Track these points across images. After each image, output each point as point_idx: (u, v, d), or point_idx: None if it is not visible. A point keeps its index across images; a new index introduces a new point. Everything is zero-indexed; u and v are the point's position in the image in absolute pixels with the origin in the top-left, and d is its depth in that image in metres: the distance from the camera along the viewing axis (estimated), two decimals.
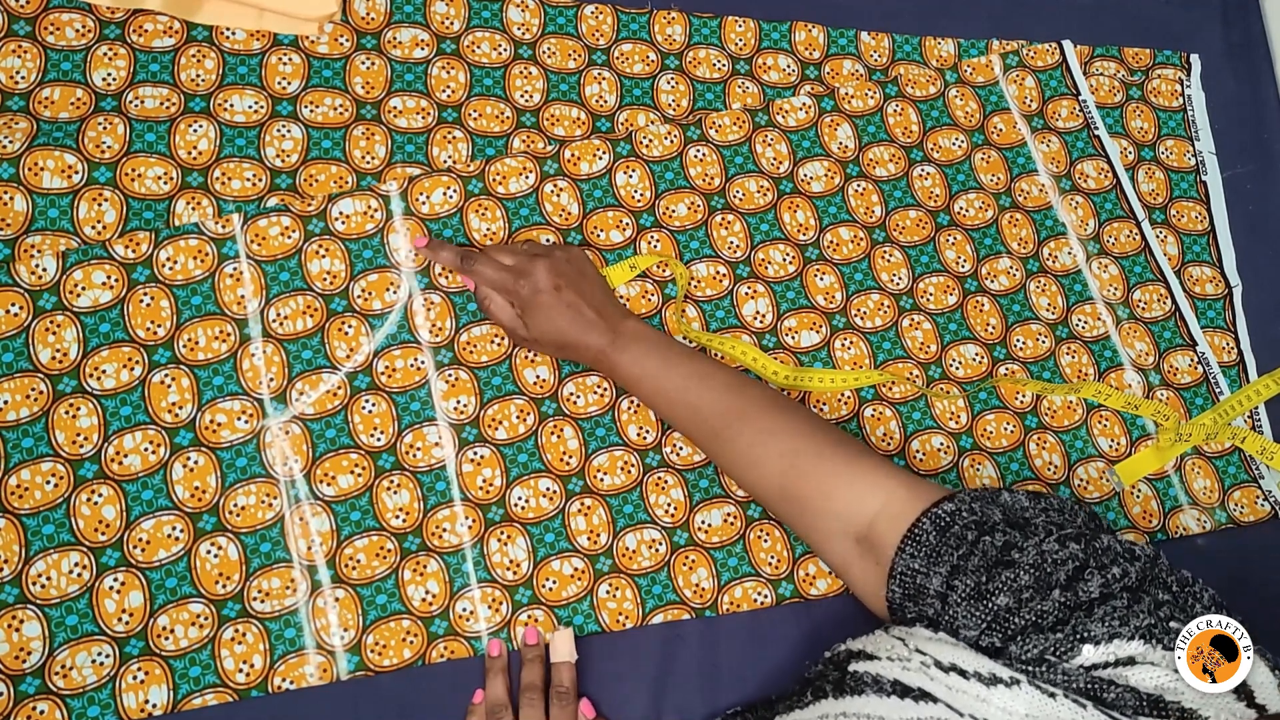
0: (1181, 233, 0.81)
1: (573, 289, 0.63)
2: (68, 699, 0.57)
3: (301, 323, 0.64)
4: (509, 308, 0.64)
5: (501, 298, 0.64)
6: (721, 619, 0.65)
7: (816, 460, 0.57)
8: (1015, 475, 0.72)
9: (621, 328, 0.63)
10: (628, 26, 0.75)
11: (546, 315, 0.62)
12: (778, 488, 0.58)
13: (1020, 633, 0.46)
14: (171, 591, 0.59)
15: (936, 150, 0.78)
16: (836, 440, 0.58)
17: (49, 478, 0.59)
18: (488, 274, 0.64)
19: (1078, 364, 0.76)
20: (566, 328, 0.63)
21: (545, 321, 0.63)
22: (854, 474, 0.56)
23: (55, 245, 0.62)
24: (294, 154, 0.67)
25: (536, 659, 0.61)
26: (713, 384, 0.61)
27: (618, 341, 0.63)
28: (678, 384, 0.61)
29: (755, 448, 0.59)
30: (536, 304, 0.62)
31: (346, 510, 0.62)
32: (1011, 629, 0.47)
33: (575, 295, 0.63)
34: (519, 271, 0.63)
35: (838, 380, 0.70)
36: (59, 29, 0.65)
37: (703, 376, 0.61)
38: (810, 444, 0.57)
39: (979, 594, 0.48)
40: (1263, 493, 0.76)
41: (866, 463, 0.56)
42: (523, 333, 0.64)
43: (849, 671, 0.48)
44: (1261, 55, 0.87)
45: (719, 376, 0.61)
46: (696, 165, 0.73)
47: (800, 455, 0.57)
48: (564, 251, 0.66)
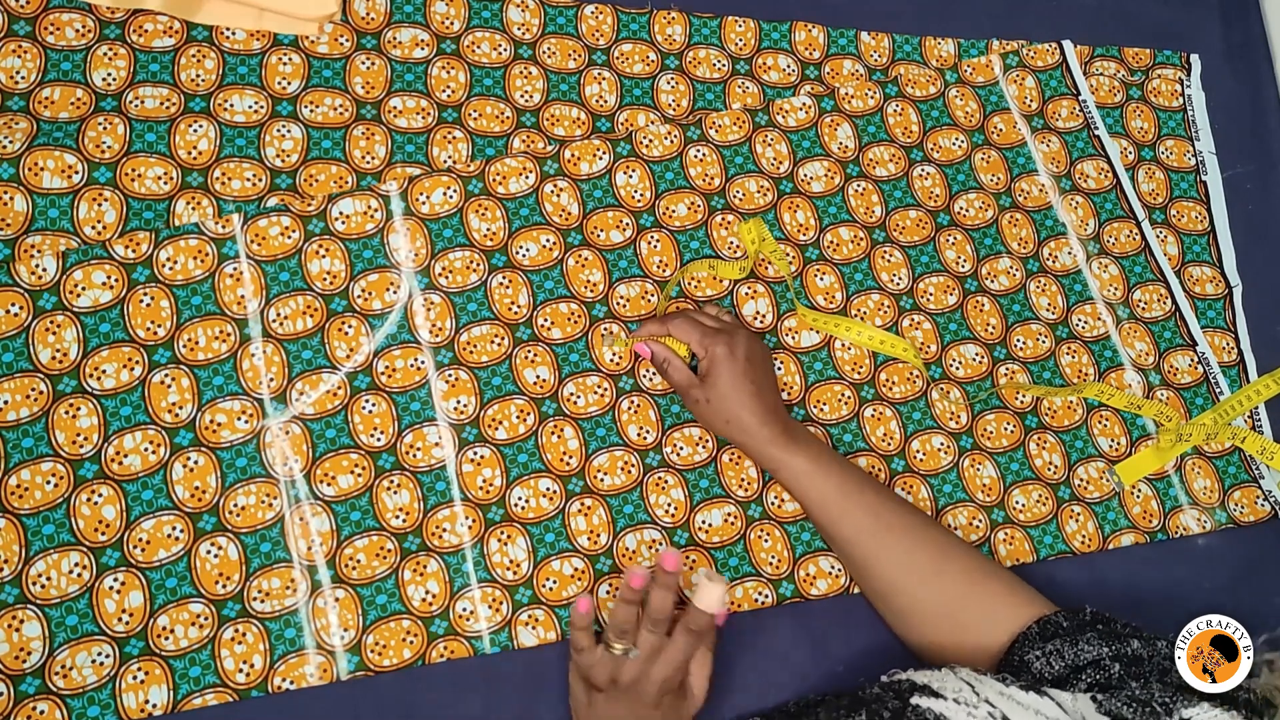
0: (1181, 233, 0.81)
1: (760, 370, 0.63)
2: (68, 699, 0.57)
3: (301, 323, 0.64)
4: (687, 370, 0.64)
5: (680, 361, 0.64)
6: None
7: (970, 571, 0.61)
8: (1015, 475, 0.72)
9: (790, 425, 0.63)
10: (628, 26, 0.75)
11: (731, 384, 0.61)
12: (920, 592, 0.61)
13: (1141, 678, 0.49)
14: (171, 591, 0.59)
15: (936, 150, 0.78)
16: (985, 560, 0.62)
17: (49, 478, 0.59)
18: (685, 327, 0.63)
19: (1078, 364, 0.76)
20: (748, 403, 0.61)
21: (729, 389, 0.61)
22: (995, 595, 0.60)
23: (55, 245, 0.62)
24: (294, 154, 0.67)
25: (672, 588, 0.57)
26: (863, 498, 0.62)
27: (788, 436, 0.62)
28: (833, 493, 0.62)
29: (898, 561, 0.61)
30: (726, 370, 0.61)
31: (346, 510, 0.62)
32: (1134, 673, 0.49)
33: (762, 375, 0.63)
34: (720, 331, 0.63)
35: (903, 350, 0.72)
36: (59, 29, 0.65)
37: (858, 485, 0.62)
38: (961, 556, 0.61)
39: (1114, 635, 0.53)
40: (1263, 493, 0.76)
41: (1017, 585, 0.61)
42: (697, 393, 0.63)
43: (911, 704, 0.48)
44: (1261, 55, 0.87)
45: (869, 491, 0.62)
46: (696, 165, 0.73)
47: (943, 574, 0.60)
48: (751, 333, 0.66)
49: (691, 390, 0.63)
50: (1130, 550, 0.72)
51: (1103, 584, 0.71)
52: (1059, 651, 0.52)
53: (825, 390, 0.71)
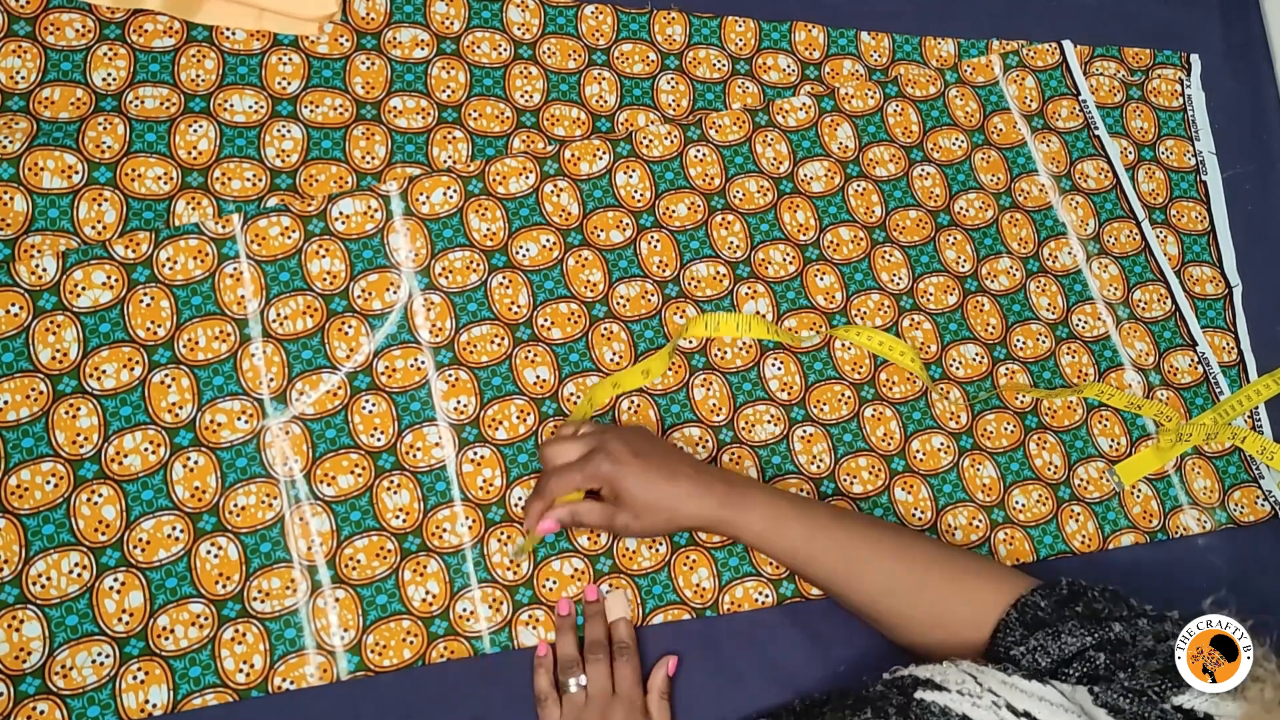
0: (1181, 233, 0.81)
1: (654, 451, 0.58)
2: (68, 699, 0.57)
3: (301, 323, 0.64)
4: (600, 507, 0.58)
5: (585, 505, 0.58)
6: (722, 619, 0.65)
7: (951, 577, 0.59)
8: (1015, 475, 0.72)
9: (728, 480, 0.59)
10: (628, 26, 0.75)
11: (642, 488, 0.56)
12: (908, 606, 0.59)
13: (1128, 666, 0.48)
14: (171, 591, 0.59)
15: (936, 150, 0.78)
16: (962, 556, 0.61)
17: (49, 478, 0.59)
18: (562, 479, 0.58)
19: (1078, 364, 0.76)
20: (670, 491, 0.57)
21: (643, 493, 0.56)
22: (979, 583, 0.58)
23: (55, 245, 0.62)
24: (294, 154, 0.67)
25: (599, 615, 0.62)
26: (829, 538, 0.59)
27: (731, 496, 0.58)
28: (798, 542, 0.58)
29: (878, 588, 0.59)
30: (626, 480, 0.56)
31: (346, 510, 0.62)
32: (1119, 661, 0.49)
33: (660, 456, 0.58)
34: (591, 450, 0.58)
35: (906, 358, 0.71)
36: (59, 29, 0.65)
37: (822, 525, 0.59)
38: (941, 564, 0.60)
39: (1094, 617, 0.52)
40: (1263, 493, 0.76)
41: (992, 571, 0.60)
42: (625, 520, 0.57)
43: (915, 699, 0.49)
44: (1261, 55, 0.87)
45: (834, 528, 0.59)
46: (696, 165, 0.73)
47: (925, 587, 0.59)
48: (619, 428, 0.62)
49: (615, 520, 0.57)
50: (1130, 550, 0.72)
51: (1103, 584, 0.71)
52: (1043, 647, 0.52)
53: (825, 390, 0.71)
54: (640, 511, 0.57)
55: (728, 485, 0.58)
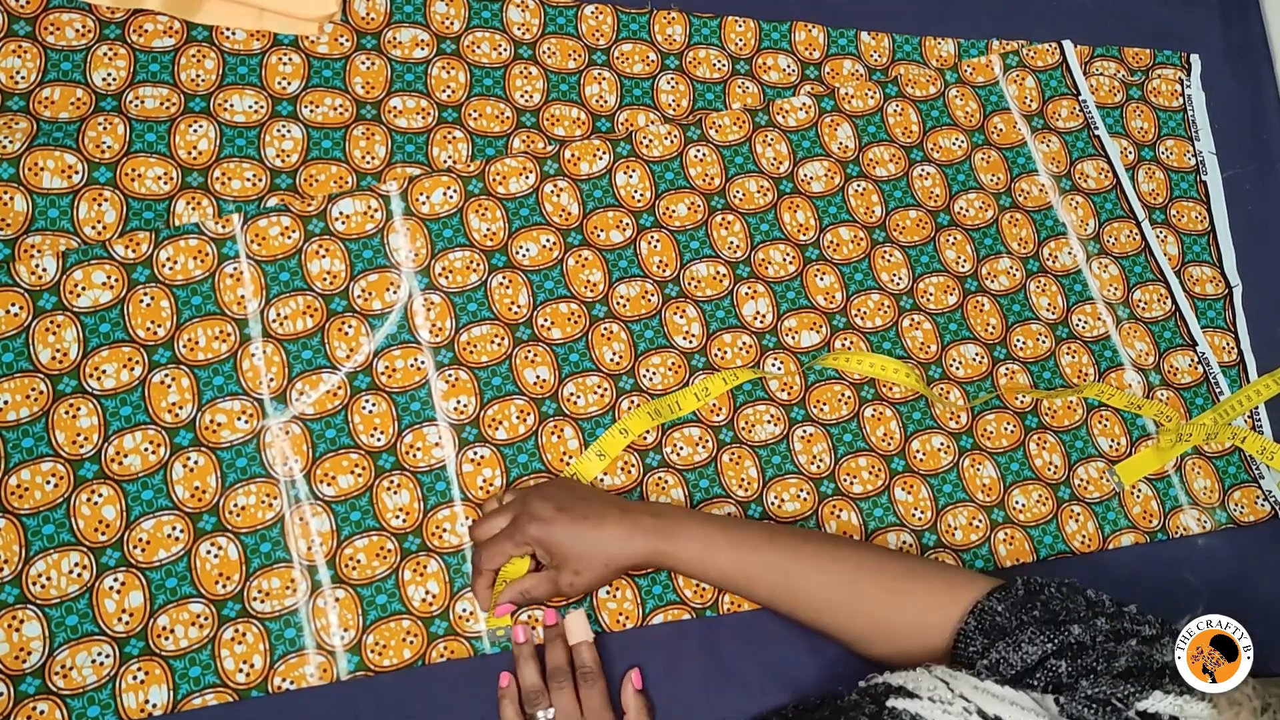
0: (1181, 233, 0.81)
1: (574, 503, 0.58)
2: (68, 699, 0.57)
3: (301, 323, 0.64)
4: (542, 577, 0.58)
5: (530, 579, 0.58)
6: (722, 619, 0.65)
7: (888, 586, 0.58)
8: (1015, 475, 0.72)
9: (653, 513, 0.59)
10: (628, 26, 0.75)
11: (572, 540, 0.57)
12: (851, 618, 0.58)
13: (1089, 672, 0.48)
14: (171, 591, 0.59)
15: (936, 150, 0.78)
16: (899, 563, 0.59)
17: (49, 478, 0.59)
18: (494, 549, 0.58)
19: (1078, 364, 0.76)
20: (598, 537, 0.57)
21: (575, 545, 0.57)
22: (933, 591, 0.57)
23: (55, 245, 0.62)
24: (294, 154, 0.67)
25: (559, 639, 0.61)
26: (761, 558, 0.58)
27: (658, 528, 0.58)
28: (730, 567, 0.58)
29: (817, 604, 0.58)
30: (555, 538, 0.57)
31: (346, 510, 0.62)
32: (1081, 667, 0.48)
33: (581, 505, 0.58)
34: (514, 520, 0.58)
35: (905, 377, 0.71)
36: (59, 29, 0.65)
37: (752, 546, 0.59)
38: (874, 574, 0.58)
39: (1052, 621, 0.51)
40: (1263, 493, 0.76)
41: (941, 578, 0.58)
42: (568, 579, 0.57)
43: (887, 707, 0.49)
44: (1261, 55, 0.87)
45: (765, 548, 0.59)
46: (696, 165, 0.73)
47: (864, 600, 0.58)
48: (538, 484, 0.62)
49: (560, 582, 0.57)
50: (1130, 550, 0.72)
51: (1103, 584, 0.71)
52: (1005, 659, 0.51)
53: (825, 390, 0.71)
54: (579, 565, 0.57)
55: (655, 518, 0.58)
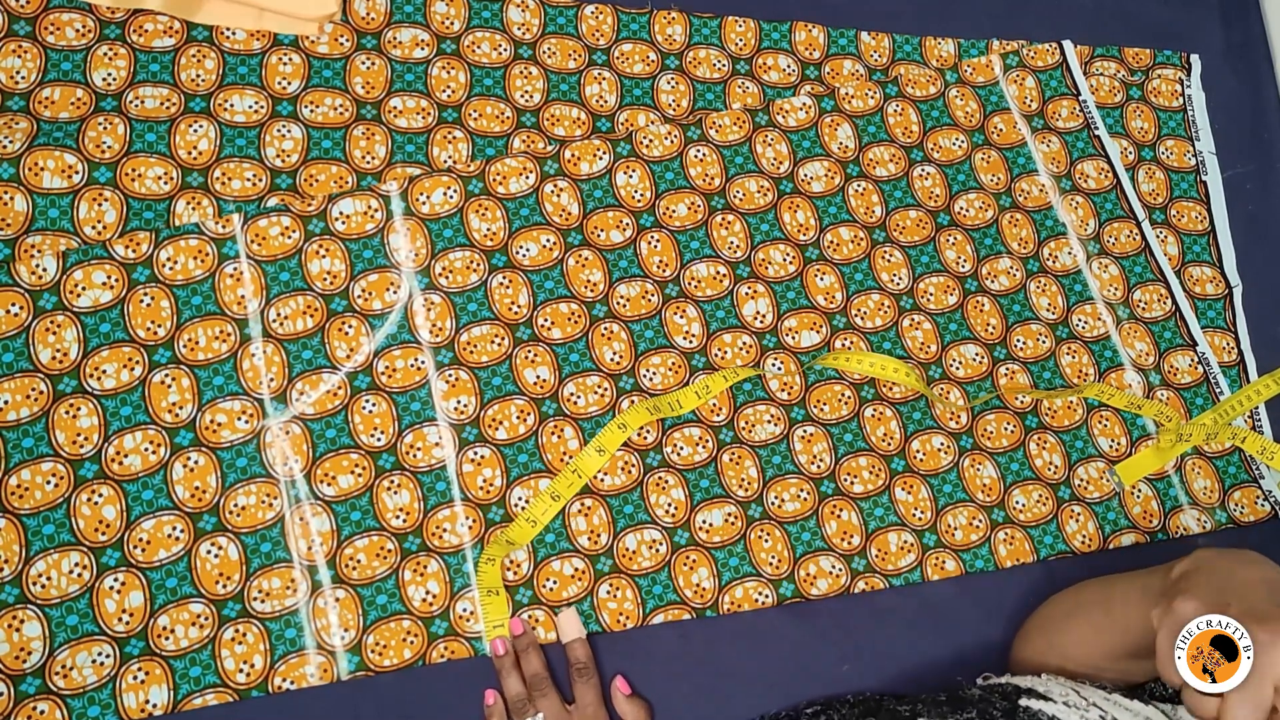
0: (1181, 233, 0.81)
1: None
2: (68, 699, 0.57)
3: (301, 323, 0.64)
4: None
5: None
6: (722, 619, 0.65)
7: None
8: (1016, 475, 0.72)
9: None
10: (628, 26, 0.75)
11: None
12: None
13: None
14: (172, 591, 0.59)
15: (936, 150, 0.78)
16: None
17: (49, 478, 0.59)
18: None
19: (1078, 364, 0.76)
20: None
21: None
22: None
23: (55, 245, 0.62)
24: (294, 154, 0.67)
25: (531, 648, 0.61)
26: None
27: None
28: None
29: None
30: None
31: (347, 510, 0.62)
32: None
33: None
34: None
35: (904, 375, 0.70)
36: (59, 29, 0.65)
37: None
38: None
39: None
40: (1263, 493, 0.76)
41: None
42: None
43: (1021, 706, 0.49)
44: (1261, 55, 0.87)
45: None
46: (697, 165, 0.73)
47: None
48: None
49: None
50: (1130, 550, 0.72)
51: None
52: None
53: (825, 390, 0.71)
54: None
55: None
